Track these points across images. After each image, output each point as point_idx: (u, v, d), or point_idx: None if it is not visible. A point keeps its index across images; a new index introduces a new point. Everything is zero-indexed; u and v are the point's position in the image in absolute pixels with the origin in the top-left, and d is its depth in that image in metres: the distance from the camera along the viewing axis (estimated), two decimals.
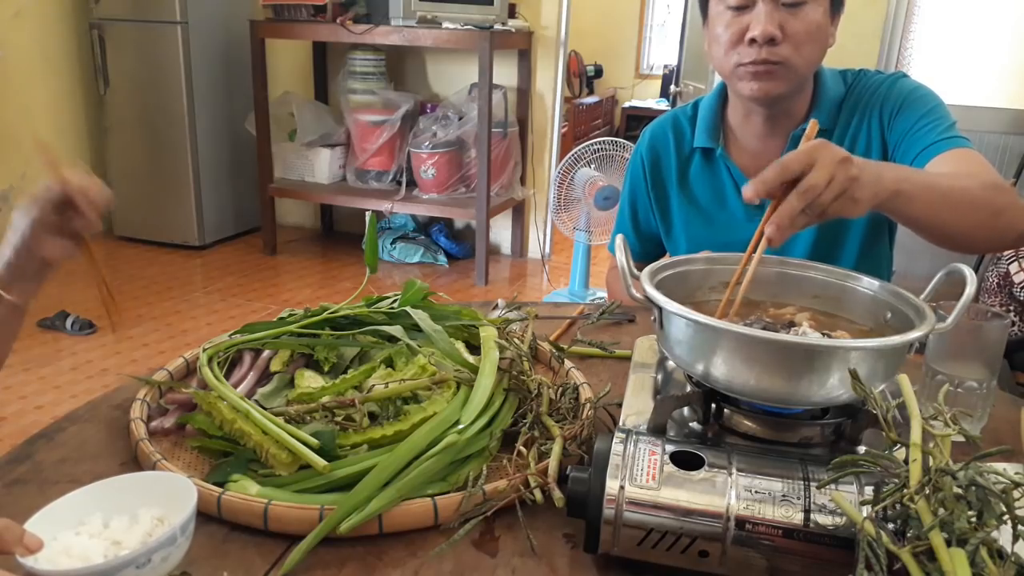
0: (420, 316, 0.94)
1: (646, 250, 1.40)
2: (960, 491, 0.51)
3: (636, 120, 6.75)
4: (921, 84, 1.20)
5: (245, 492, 0.70)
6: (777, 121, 1.21)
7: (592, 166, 3.13)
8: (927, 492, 0.52)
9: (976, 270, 0.86)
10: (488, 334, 0.92)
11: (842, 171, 0.75)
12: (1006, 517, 0.50)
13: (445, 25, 3.46)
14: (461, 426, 0.76)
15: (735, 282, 0.80)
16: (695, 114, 1.31)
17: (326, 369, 0.92)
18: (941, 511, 0.50)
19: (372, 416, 0.81)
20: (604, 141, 3.14)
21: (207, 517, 0.69)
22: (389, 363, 0.91)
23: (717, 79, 1.26)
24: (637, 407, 0.76)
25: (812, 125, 0.79)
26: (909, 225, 0.96)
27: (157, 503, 0.63)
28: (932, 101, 1.16)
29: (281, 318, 1.00)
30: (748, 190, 0.74)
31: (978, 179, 0.99)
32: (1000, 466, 0.55)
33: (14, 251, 0.80)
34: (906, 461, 0.54)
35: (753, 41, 1.09)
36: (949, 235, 0.97)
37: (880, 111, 1.18)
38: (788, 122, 1.21)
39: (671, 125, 1.33)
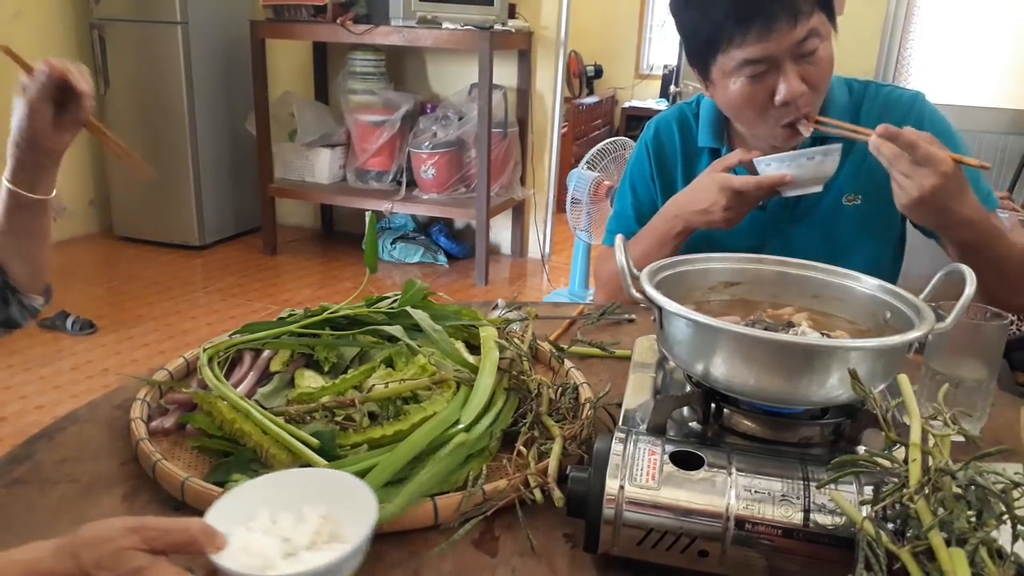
0: (420, 316, 0.94)
1: None
2: (960, 491, 0.51)
3: (636, 120, 6.73)
4: (937, 110, 1.21)
5: None
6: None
7: (598, 167, 3.13)
8: (927, 492, 0.52)
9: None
10: (488, 334, 0.92)
11: (945, 172, 0.94)
12: (1006, 517, 0.50)
13: (445, 25, 3.46)
14: (461, 426, 0.76)
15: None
16: (699, 110, 1.31)
17: (326, 369, 0.92)
18: (941, 511, 0.50)
19: (372, 416, 0.81)
20: (615, 142, 3.13)
21: None
22: (389, 363, 0.91)
23: None
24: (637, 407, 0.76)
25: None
26: (963, 259, 1.00)
27: (321, 499, 0.62)
28: (955, 139, 1.16)
29: (281, 318, 1.00)
30: (884, 130, 0.97)
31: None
32: (1000, 466, 0.55)
33: (18, 147, 0.92)
34: (906, 461, 0.54)
35: (785, 103, 1.08)
36: (989, 294, 0.98)
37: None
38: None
39: (677, 120, 1.33)
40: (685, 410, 0.76)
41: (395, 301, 1.01)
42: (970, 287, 0.70)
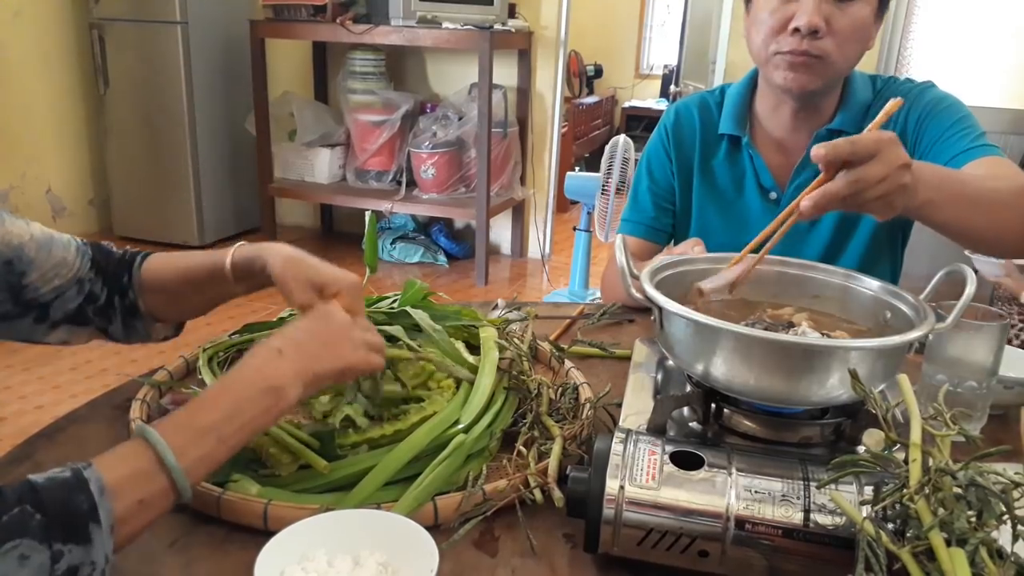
0: (420, 316, 0.94)
1: (663, 224, 1.36)
2: (960, 491, 0.51)
3: (636, 120, 6.73)
4: (949, 94, 1.20)
5: (245, 492, 0.70)
6: (805, 116, 1.21)
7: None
8: (927, 492, 0.52)
9: (976, 272, 0.86)
10: (488, 334, 0.92)
11: (897, 176, 0.75)
12: (1006, 517, 0.50)
13: (445, 25, 3.46)
14: (461, 426, 0.76)
15: (753, 247, 0.80)
16: (722, 100, 1.30)
17: None
18: (941, 511, 0.50)
19: (372, 416, 0.81)
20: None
21: (207, 517, 0.69)
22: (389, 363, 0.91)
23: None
24: (637, 407, 0.76)
25: (894, 103, 0.77)
26: (937, 230, 0.96)
27: (380, 546, 0.60)
28: (962, 110, 1.17)
29: (281, 318, 1.00)
30: (819, 149, 0.72)
31: (1009, 182, 0.99)
32: (1000, 466, 0.55)
33: (253, 262, 0.85)
34: (906, 461, 0.54)
35: (796, 31, 1.08)
36: (979, 238, 0.97)
37: (907, 117, 1.18)
38: (815, 119, 1.21)
39: (698, 106, 1.32)
40: (685, 410, 0.75)
41: (395, 301, 1.01)
42: (970, 287, 0.70)
